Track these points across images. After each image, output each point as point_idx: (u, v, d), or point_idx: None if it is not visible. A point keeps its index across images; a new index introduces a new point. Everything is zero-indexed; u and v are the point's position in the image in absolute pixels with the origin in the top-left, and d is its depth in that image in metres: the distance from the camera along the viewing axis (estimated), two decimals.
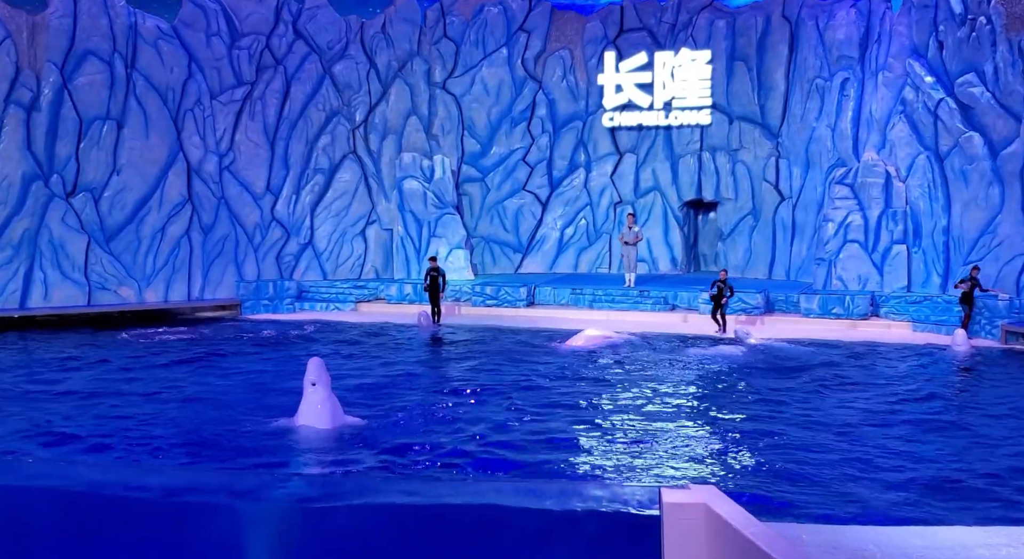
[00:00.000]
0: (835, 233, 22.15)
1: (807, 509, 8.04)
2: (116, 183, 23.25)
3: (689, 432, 10.99)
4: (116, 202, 23.27)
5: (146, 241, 23.64)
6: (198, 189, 24.44)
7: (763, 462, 9.65)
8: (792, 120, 25.36)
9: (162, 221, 23.80)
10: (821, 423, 11.50)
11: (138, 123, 23.51)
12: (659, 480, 8.99)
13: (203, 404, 12.79)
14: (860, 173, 22.07)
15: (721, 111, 26.66)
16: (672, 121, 27.01)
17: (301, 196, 25.97)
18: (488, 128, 27.85)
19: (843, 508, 8.05)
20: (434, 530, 4.10)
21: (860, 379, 14.72)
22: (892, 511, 7.97)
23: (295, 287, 25.11)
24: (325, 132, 26.21)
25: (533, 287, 24.10)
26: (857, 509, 8.03)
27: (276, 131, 25.69)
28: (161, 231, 23.79)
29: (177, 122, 24.16)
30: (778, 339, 18.62)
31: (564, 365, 15.73)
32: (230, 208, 24.96)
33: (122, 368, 16.05)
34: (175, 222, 23.97)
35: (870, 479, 9.04)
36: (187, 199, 24.17)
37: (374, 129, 26.84)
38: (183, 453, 10.11)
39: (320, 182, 26.16)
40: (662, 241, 27.42)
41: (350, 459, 9.77)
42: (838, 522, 7.23)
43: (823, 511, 7.94)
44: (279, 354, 17.60)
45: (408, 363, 16.47)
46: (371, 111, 26.83)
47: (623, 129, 27.62)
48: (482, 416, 11.80)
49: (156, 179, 23.75)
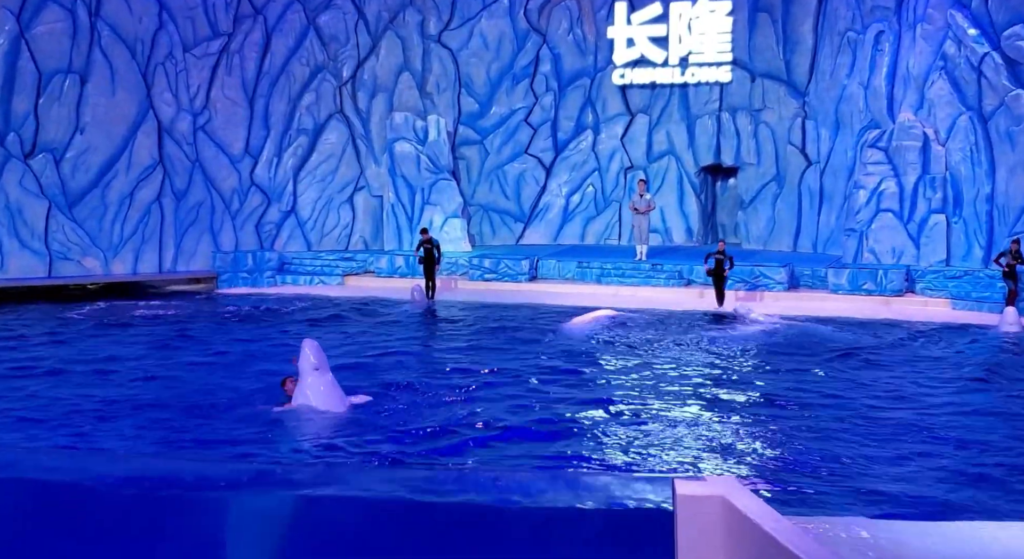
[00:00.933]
0: (867, 201, 22.08)
1: (833, 503, 8.04)
2: (79, 143, 23.15)
3: (703, 419, 10.99)
4: (79, 164, 23.18)
5: (113, 207, 23.58)
6: (170, 151, 24.34)
7: (783, 452, 9.66)
8: (821, 77, 25.21)
9: (130, 186, 23.73)
10: (849, 410, 11.49)
11: (103, 77, 23.38)
12: (672, 470, 8.99)
13: (180, 387, 12.80)
14: (895, 135, 21.96)
15: (742, 67, 26.51)
16: (689, 78, 26.87)
17: (283, 159, 25.89)
18: (487, 86, 27.71)
19: (875, 503, 8.04)
20: (427, 525, 4.09)
21: (892, 362, 14.71)
22: (931, 505, 7.96)
23: (276, 259, 25.09)
24: (309, 89, 26.09)
25: (536, 260, 24.07)
26: (892, 504, 8.02)
27: (255, 88, 25.57)
28: (129, 197, 23.73)
29: (147, 77, 24.03)
30: (797, 317, 18.59)
31: (569, 346, 15.73)
32: (205, 172, 24.89)
33: (87, 346, 16.05)
34: (145, 187, 23.90)
35: (907, 471, 9.03)
36: (158, 162, 24.09)
37: (363, 86, 26.71)
38: (159, 440, 10.12)
39: (304, 144, 26.08)
40: (677, 210, 27.36)
41: (338, 446, 9.78)
42: (870, 517, 7.22)
43: (852, 505, 7.94)
44: (260, 332, 17.60)
45: (401, 343, 16.48)
46: (359, 66, 26.69)
47: (635, 87, 27.48)
48: (481, 401, 11.81)
49: (124, 139, 23.65)
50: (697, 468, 9.10)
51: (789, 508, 7.29)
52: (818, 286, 21.73)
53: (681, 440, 10.13)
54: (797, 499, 8.12)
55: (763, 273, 21.77)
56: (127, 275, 23.78)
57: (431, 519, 4.12)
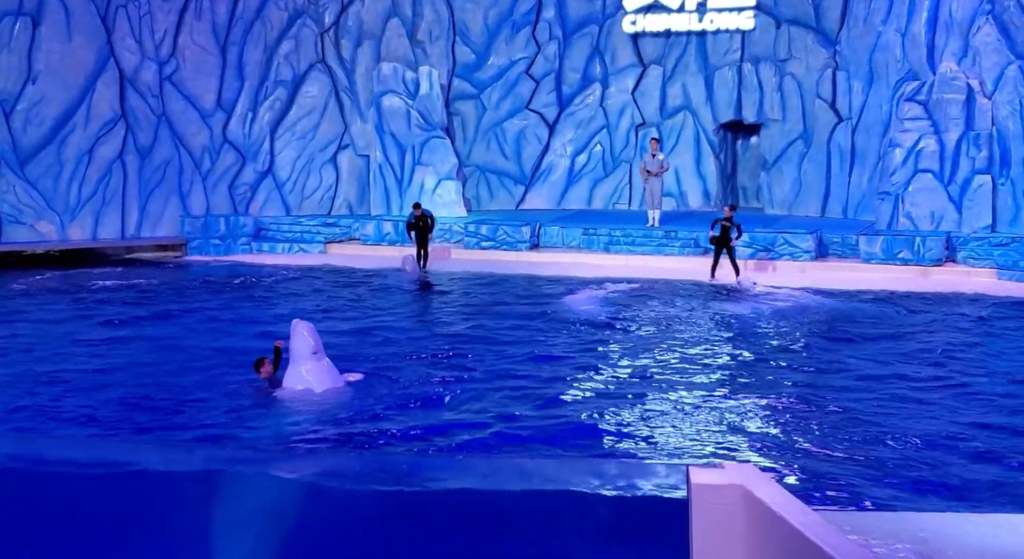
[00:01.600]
0: (903, 161, 22.03)
1: (864, 494, 8.05)
2: (32, 94, 23.06)
3: (719, 402, 11.00)
4: (32, 117, 23.09)
5: (70, 166, 23.52)
6: (133, 103, 24.25)
7: (807, 438, 9.66)
8: (853, 24, 25.09)
9: (89, 142, 23.66)
10: (880, 393, 11.50)
11: (58, 21, 23.25)
12: (686, 457, 9.01)
13: (145, 366, 12.79)
14: (936, 88, 21.88)
15: (766, 13, 26.41)
16: (707, 25, 26.77)
17: (259, 114, 25.81)
18: (485, 34, 27.60)
19: (911, 494, 8.06)
20: (421, 515, 4.10)
21: (928, 338, 14.70)
22: (972, 497, 7.98)
23: (252, 224, 25.06)
24: (288, 36, 25.97)
25: (538, 226, 24.04)
26: (929, 496, 8.03)
27: (228, 34, 25.44)
28: (88, 154, 23.67)
29: (107, 21, 23.90)
30: (809, 289, 18.58)
31: (572, 321, 15.73)
32: (172, 127, 24.81)
33: (40, 320, 16.04)
34: (105, 143, 23.84)
35: (945, 461, 9.04)
36: (120, 115, 24.01)
37: (347, 33, 26.58)
38: (129, 425, 10.14)
39: (282, 97, 25.99)
40: (693, 171, 27.34)
41: (331, 430, 9.83)
42: (906, 510, 7.24)
43: (885, 497, 7.96)
44: (234, 306, 17.59)
45: (391, 318, 16.48)
46: (343, 11, 26.55)
47: (647, 35, 27.38)
48: (477, 381, 11.84)
49: (81, 90, 23.56)
50: (713, 455, 9.11)
51: (814, 499, 7.30)
52: (848, 255, 21.73)
53: (695, 424, 10.13)
54: (823, 489, 8.13)
55: (788, 241, 21.75)
56: (86, 241, 23.75)
57: (425, 509, 4.13)
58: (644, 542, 4.06)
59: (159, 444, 8.10)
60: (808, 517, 3.89)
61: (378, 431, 9.88)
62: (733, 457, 9.03)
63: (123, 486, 4.23)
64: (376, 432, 9.85)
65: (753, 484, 4.11)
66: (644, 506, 4.06)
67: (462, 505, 4.13)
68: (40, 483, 4.28)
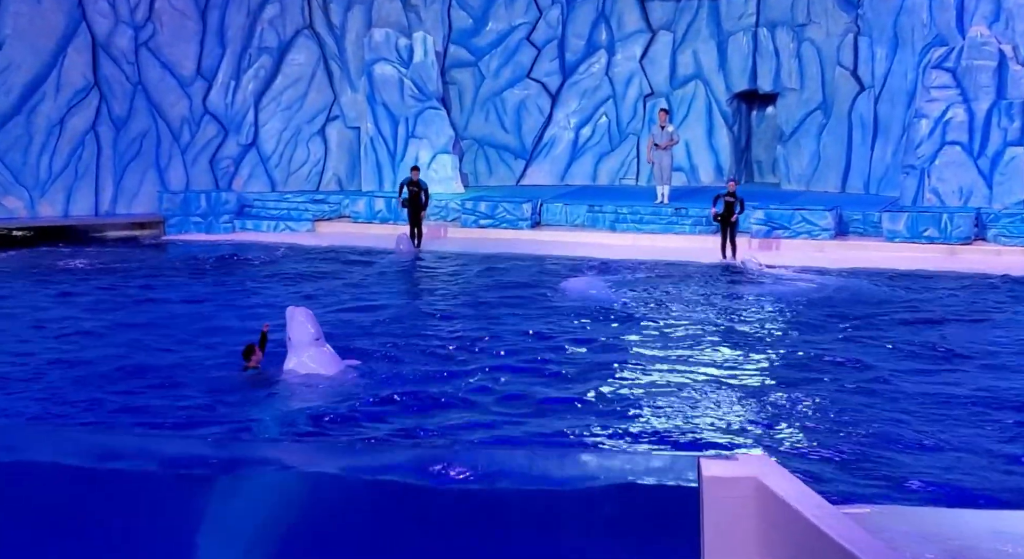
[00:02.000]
0: (930, 133, 22.01)
1: (885, 488, 8.10)
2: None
3: (730, 391, 11.07)
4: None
5: (39, 137, 23.48)
6: (107, 71, 24.19)
7: (824, 429, 9.73)
8: None
9: (60, 112, 23.61)
10: (901, 382, 11.55)
11: None
12: (697, 447, 9.06)
13: (120, 351, 12.84)
14: (965, 54, 21.84)
15: None
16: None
17: (242, 83, 25.76)
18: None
19: (935, 489, 8.10)
20: (418, 510, 4.13)
21: (955, 323, 14.73)
22: (1000, 493, 8.02)
23: (235, 200, 25.03)
24: (272, 0, 25.90)
25: (539, 203, 24.03)
26: (954, 491, 8.08)
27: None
28: (59, 124, 23.62)
29: None
30: (831, 270, 18.62)
31: (575, 304, 15.77)
32: (149, 97, 24.75)
33: (6, 304, 16.07)
34: (77, 113, 23.80)
35: (972, 455, 9.08)
36: (93, 84, 23.96)
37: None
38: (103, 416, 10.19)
39: (267, 65, 25.93)
40: (705, 144, 27.29)
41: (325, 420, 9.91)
42: (930, 505, 7.28)
43: (907, 492, 8.01)
44: (215, 288, 17.63)
45: (384, 299, 16.53)
46: None
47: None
48: (475, 369, 11.91)
49: (51, 56, 23.49)
50: (725, 446, 9.16)
51: (832, 493, 7.34)
52: (870, 233, 21.72)
53: (706, 414, 10.18)
54: (841, 482, 8.18)
55: (805, 218, 21.73)
56: (57, 218, 23.73)
57: (420, 502, 4.15)
58: (652, 537, 4.09)
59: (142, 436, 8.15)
60: (826, 511, 3.91)
61: (378, 420, 9.96)
62: (746, 448, 9.08)
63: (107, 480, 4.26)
64: (376, 421, 9.93)
65: (768, 476, 4.13)
66: (652, 499, 4.08)
67: (460, 499, 4.15)
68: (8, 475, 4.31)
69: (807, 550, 3.78)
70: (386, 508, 4.16)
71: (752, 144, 28.43)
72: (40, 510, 4.21)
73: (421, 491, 4.17)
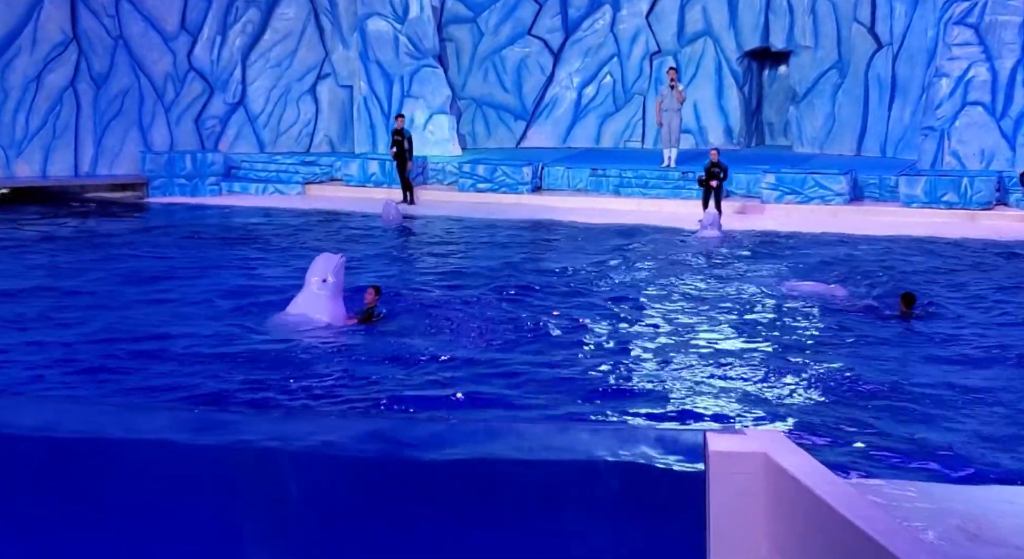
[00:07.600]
0: (951, 93, 21.98)
1: (898, 463, 8.14)
2: None
3: (738, 362, 11.07)
4: None
5: (15, 94, 23.47)
6: (86, 24, 24.13)
7: (835, 402, 9.74)
8: None
9: (36, 67, 23.58)
10: (914, 354, 11.58)
11: None
12: (703, 421, 9.09)
13: (102, 320, 12.85)
14: (989, 9, 21.79)
15: None
16: None
17: (228, 38, 25.69)
18: None
19: (950, 464, 8.14)
20: (407, 484, 4.15)
21: (974, 293, 14.74)
22: (1012, 469, 8.06)
23: (221, 162, 25.01)
24: None
25: (540, 166, 24.01)
26: (968, 466, 8.11)
27: None
28: (36, 81, 23.61)
29: None
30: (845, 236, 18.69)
31: (576, 272, 15.78)
32: (131, 52, 24.70)
33: None
34: (55, 69, 23.76)
35: (988, 429, 9.12)
36: (71, 38, 23.90)
37: None
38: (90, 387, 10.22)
39: (255, 19, 25.86)
40: (714, 105, 27.26)
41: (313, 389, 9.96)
42: (945, 481, 7.31)
43: (922, 467, 8.05)
44: (200, 253, 17.61)
45: (378, 266, 16.51)
46: None
47: None
48: (473, 339, 11.93)
49: (27, 8, 23.44)
50: (733, 419, 9.18)
51: (843, 467, 7.37)
52: (887, 198, 21.72)
53: (713, 386, 10.20)
54: (853, 457, 8.21)
55: (819, 182, 21.71)
56: (34, 179, 23.74)
57: (415, 476, 4.17)
58: (656, 514, 4.10)
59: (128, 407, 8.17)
60: (837, 487, 3.93)
61: (372, 390, 9.99)
62: (755, 422, 9.12)
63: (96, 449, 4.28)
64: (370, 391, 9.95)
65: (777, 451, 4.15)
66: (656, 475, 4.09)
67: (456, 474, 4.17)
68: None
69: (818, 527, 3.80)
70: (380, 480, 4.18)
71: (763, 105, 28.40)
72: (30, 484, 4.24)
73: (419, 464, 4.18)
